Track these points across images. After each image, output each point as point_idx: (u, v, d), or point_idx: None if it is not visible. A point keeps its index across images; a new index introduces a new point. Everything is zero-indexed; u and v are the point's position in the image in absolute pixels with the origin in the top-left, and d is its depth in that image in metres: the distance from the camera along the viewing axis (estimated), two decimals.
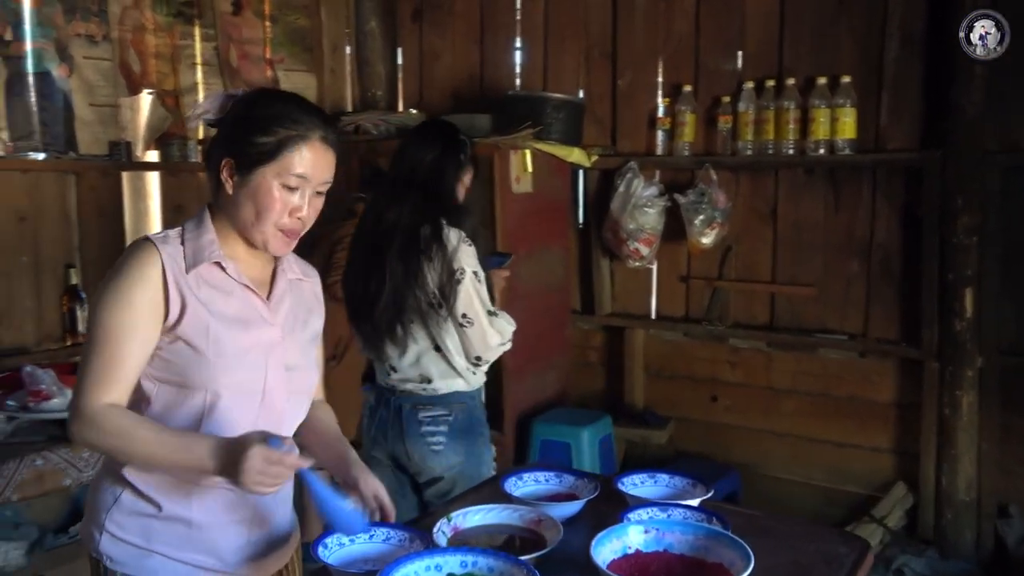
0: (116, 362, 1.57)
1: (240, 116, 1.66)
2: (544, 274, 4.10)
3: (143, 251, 1.61)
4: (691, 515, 1.79)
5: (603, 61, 4.27)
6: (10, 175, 3.55)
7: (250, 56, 4.42)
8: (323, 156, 1.64)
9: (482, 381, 2.63)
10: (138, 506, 1.65)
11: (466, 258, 2.42)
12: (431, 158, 2.49)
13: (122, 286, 1.59)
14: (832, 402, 3.82)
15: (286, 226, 1.64)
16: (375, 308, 2.42)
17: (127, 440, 1.55)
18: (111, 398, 1.57)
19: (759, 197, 3.93)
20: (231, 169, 1.63)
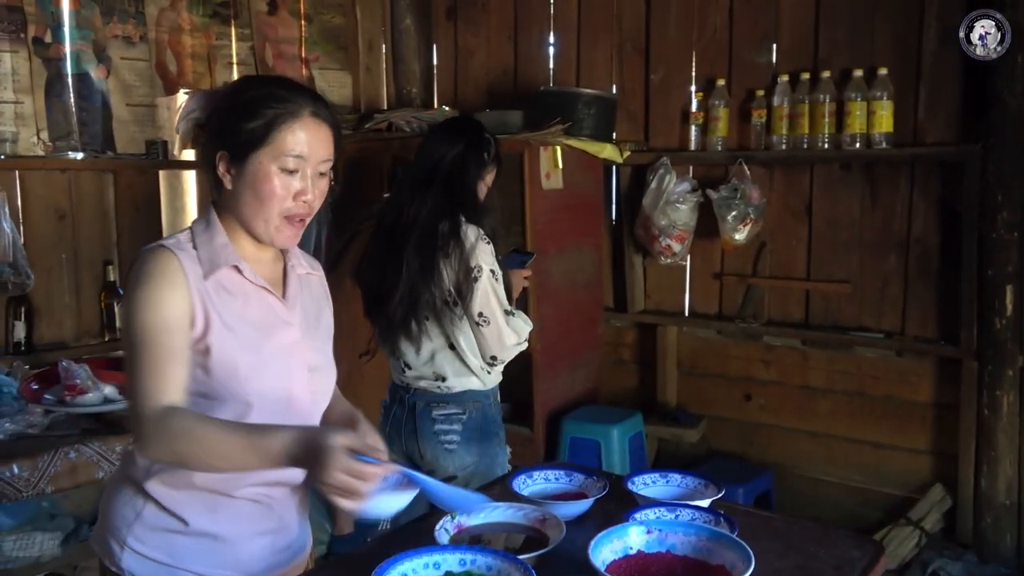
0: (163, 360, 1.51)
1: (226, 106, 1.63)
2: (575, 271, 4.07)
3: (162, 258, 1.57)
4: (698, 516, 1.76)
5: (636, 56, 4.23)
6: (50, 174, 3.64)
7: (285, 55, 4.47)
8: (317, 132, 1.59)
9: (497, 380, 2.61)
10: (163, 521, 1.61)
11: (484, 256, 2.41)
12: (453, 155, 2.49)
13: (152, 289, 1.53)
14: (868, 402, 3.74)
15: (292, 211, 1.59)
16: (390, 303, 2.43)
17: (196, 442, 1.47)
18: (168, 399, 1.50)
19: (794, 193, 3.86)
20: (227, 162, 1.60)
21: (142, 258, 1.58)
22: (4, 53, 3.48)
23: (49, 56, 3.61)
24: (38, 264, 3.59)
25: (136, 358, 1.52)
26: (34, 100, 3.56)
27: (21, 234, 3.53)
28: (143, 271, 1.56)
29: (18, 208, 3.55)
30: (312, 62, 4.59)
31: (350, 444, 1.42)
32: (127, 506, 1.63)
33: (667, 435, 4.08)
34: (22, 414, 3.07)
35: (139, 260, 1.58)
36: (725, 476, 3.72)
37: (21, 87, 3.53)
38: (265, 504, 1.67)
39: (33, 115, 3.56)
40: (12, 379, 3.26)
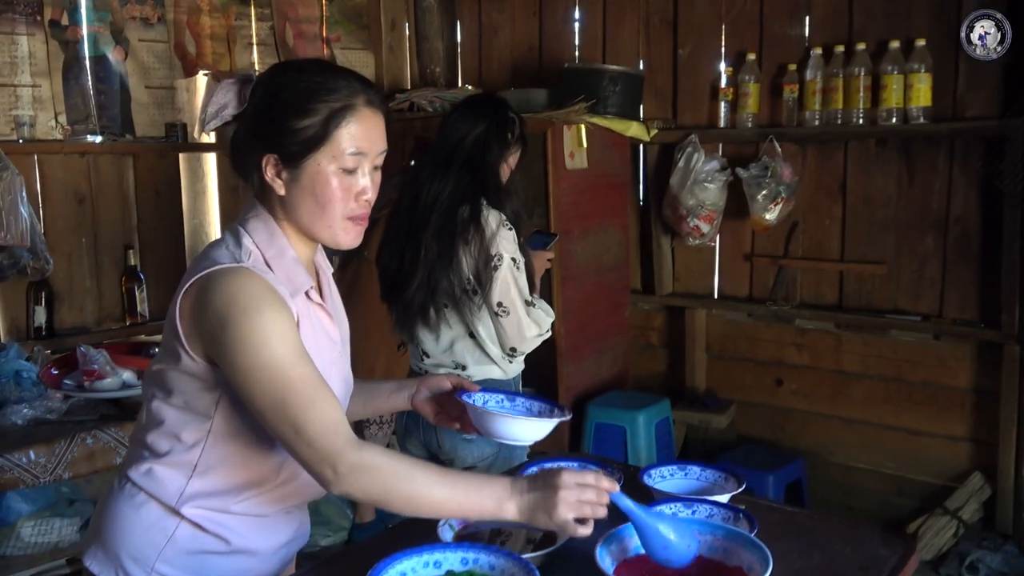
0: (321, 385, 1.38)
1: (268, 102, 1.45)
2: (601, 253, 3.98)
3: (253, 280, 1.39)
4: (717, 513, 1.67)
5: (664, 29, 4.10)
6: (69, 158, 3.62)
7: (306, 35, 4.40)
8: (374, 123, 1.45)
9: (519, 369, 2.53)
10: (200, 543, 1.50)
11: (505, 243, 2.32)
12: (476, 134, 2.39)
13: (263, 319, 1.36)
14: (904, 387, 3.62)
15: (354, 212, 1.46)
16: (407, 288, 2.35)
17: (408, 484, 1.36)
18: (347, 427, 1.38)
19: (827, 170, 3.72)
20: (277, 166, 1.44)
21: (229, 283, 1.39)
22: (20, 36, 3.45)
23: (66, 39, 3.57)
24: (58, 249, 3.57)
25: (285, 400, 1.35)
26: (51, 83, 3.54)
27: (40, 219, 3.52)
28: (239, 299, 1.37)
29: (37, 192, 3.54)
30: (333, 42, 4.52)
31: (573, 476, 1.39)
32: (153, 529, 1.50)
33: (695, 421, 3.98)
34: (41, 399, 3.06)
35: (224, 286, 1.39)
36: (755, 463, 3.64)
37: (38, 70, 3.50)
38: (291, 514, 1.62)
39: (51, 99, 3.54)
40: (32, 364, 3.25)
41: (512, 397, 1.79)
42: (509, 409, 1.75)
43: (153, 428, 1.52)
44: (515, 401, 1.78)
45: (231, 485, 1.51)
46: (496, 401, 1.76)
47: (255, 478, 1.52)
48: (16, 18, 3.43)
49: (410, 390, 1.74)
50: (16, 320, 3.53)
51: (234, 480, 1.51)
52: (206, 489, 1.50)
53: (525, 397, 1.80)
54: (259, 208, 1.50)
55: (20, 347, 3.30)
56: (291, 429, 1.36)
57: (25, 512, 3.01)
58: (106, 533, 1.54)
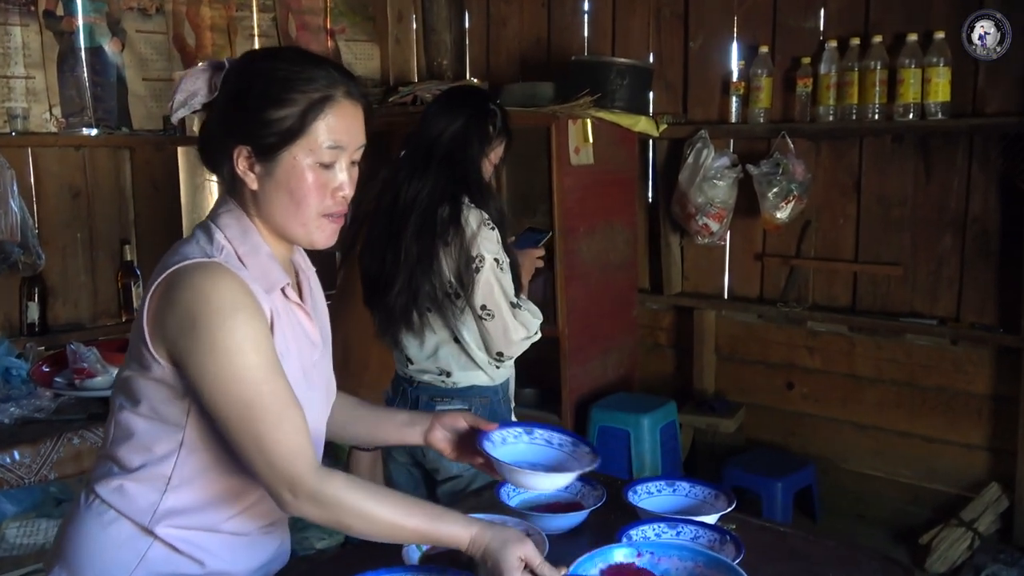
0: (288, 408, 1.31)
1: (241, 91, 1.36)
2: (607, 251, 3.87)
3: (225, 279, 1.31)
4: (702, 534, 1.57)
5: (675, 22, 3.98)
6: (64, 151, 3.56)
7: (309, 27, 4.32)
8: (354, 116, 1.38)
9: (507, 375, 2.43)
10: (175, 565, 1.42)
11: (487, 243, 2.21)
12: (454, 129, 2.29)
13: (235, 325, 1.28)
14: (919, 393, 3.49)
15: (330, 210, 1.38)
16: (389, 292, 2.26)
17: (365, 522, 1.34)
18: (311, 452, 1.33)
19: (841, 168, 3.60)
20: (249, 159, 1.36)
21: (200, 279, 1.30)
22: (14, 27, 3.39)
23: (61, 29, 3.51)
24: (52, 243, 3.52)
25: (251, 414, 1.29)
26: (46, 75, 3.47)
27: (35, 213, 3.46)
28: (210, 301, 1.29)
29: (31, 186, 3.48)
30: (338, 33, 4.43)
31: (526, 558, 1.35)
32: (124, 549, 1.41)
33: (703, 425, 3.88)
34: (30, 398, 3.00)
35: (194, 282, 1.30)
36: (764, 469, 3.53)
37: (32, 62, 3.44)
38: (271, 534, 1.54)
39: (45, 90, 3.47)
40: (23, 361, 3.19)
41: (530, 429, 1.71)
42: (528, 443, 1.69)
43: (122, 441, 1.43)
44: (533, 434, 1.71)
45: (207, 500, 1.43)
46: (514, 435, 1.69)
47: (232, 492, 1.43)
48: (9, 8, 3.37)
49: (423, 426, 1.66)
50: (9, 316, 3.47)
51: (210, 495, 1.43)
52: (180, 506, 1.42)
53: (544, 428, 1.72)
54: (231, 203, 1.42)
55: (11, 344, 3.24)
56: (254, 445, 1.30)
57: (10, 513, 2.97)
58: (71, 554, 1.45)
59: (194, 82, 1.40)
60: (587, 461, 1.63)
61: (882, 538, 3.47)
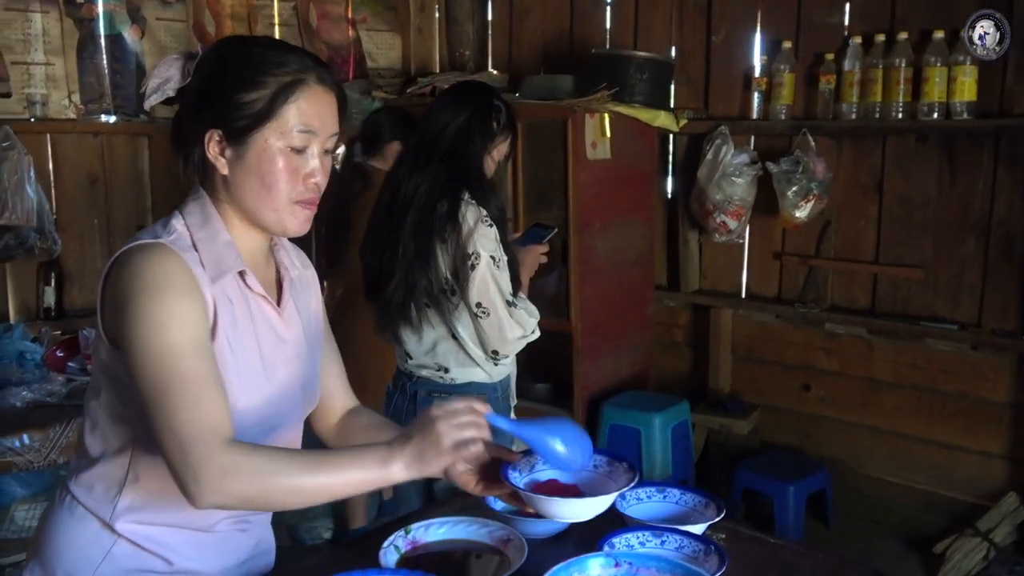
0: (205, 388, 1.26)
1: (213, 75, 1.35)
2: (624, 247, 3.83)
3: (164, 258, 1.29)
4: (686, 544, 1.54)
5: (697, 15, 3.92)
6: (82, 138, 3.59)
7: (330, 16, 4.31)
8: (326, 102, 1.37)
9: (506, 373, 2.39)
10: (140, 561, 1.40)
11: (483, 241, 2.18)
12: (457, 124, 2.26)
13: (165, 302, 1.26)
14: (938, 398, 3.41)
15: (302, 196, 1.36)
16: (387, 287, 2.24)
17: (287, 476, 1.25)
18: (224, 432, 1.25)
19: (863, 167, 3.52)
20: (220, 143, 1.34)
21: (140, 258, 1.28)
22: (34, 13, 3.42)
23: (81, 16, 3.53)
24: (69, 229, 3.55)
25: (169, 391, 1.24)
26: (65, 62, 3.50)
27: (52, 198, 3.50)
28: (144, 277, 1.27)
29: (49, 172, 3.51)
30: (359, 23, 4.42)
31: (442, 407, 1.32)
32: (91, 544, 1.40)
33: (716, 425, 3.83)
34: (42, 382, 3.03)
35: (135, 260, 1.28)
36: (776, 472, 3.48)
37: (52, 48, 3.46)
38: (246, 531, 1.51)
39: (64, 77, 3.50)
40: (38, 346, 3.23)
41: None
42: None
43: (88, 432, 1.42)
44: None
45: (167, 495, 1.39)
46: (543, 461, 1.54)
47: None
48: None
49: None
50: (26, 300, 3.51)
51: (170, 490, 1.38)
52: (139, 500, 1.40)
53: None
54: (200, 191, 1.40)
55: (26, 328, 3.28)
56: (166, 425, 1.24)
57: (19, 495, 3.00)
58: (44, 547, 1.45)
59: (168, 69, 1.40)
60: (625, 480, 1.50)
61: (896, 545, 3.41)
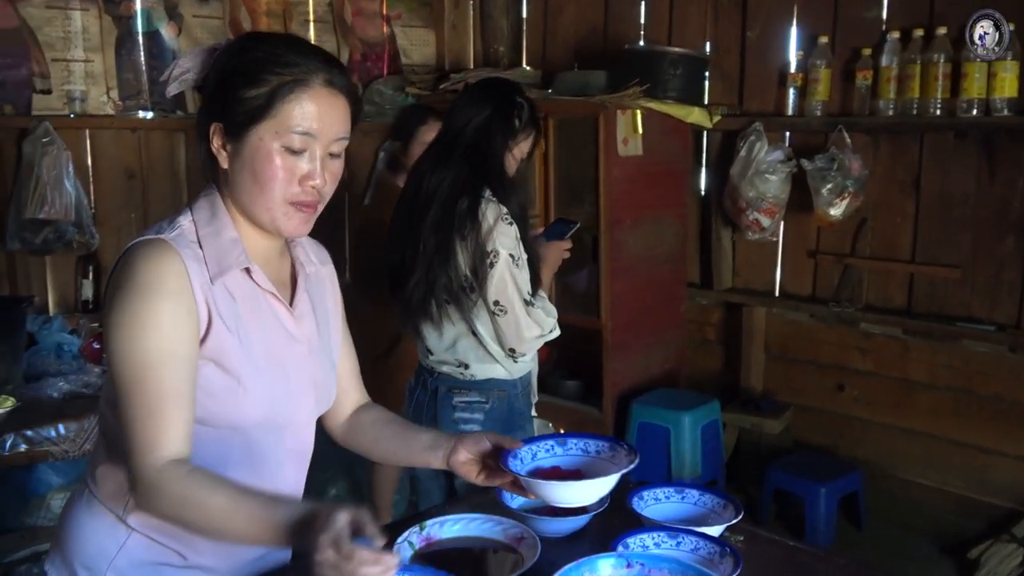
0: (164, 402, 1.26)
1: (222, 68, 1.36)
2: (655, 244, 3.81)
3: (159, 255, 1.30)
4: (702, 546, 1.52)
5: (733, 10, 3.88)
6: (120, 133, 3.64)
7: (365, 12, 4.33)
8: (331, 105, 1.34)
9: (526, 370, 2.39)
10: (154, 555, 1.41)
11: (502, 238, 2.18)
12: (479, 121, 2.25)
13: (147, 304, 1.27)
14: (975, 401, 3.35)
15: (298, 198, 1.34)
16: (408, 283, 2.25)
17: (199, 512, 1.25)
18: (169, 450, 1.26)
19: (900, 164, 3.46)
20: (222, 136, 1.35)
21: (135, 255, 1.31)
22: (74, 11, 3.47)
23: (120, 14, 3.58)
24: (107, 224, 3.61)
25: (129, 396, 1.27)
26: (104, 58, 3.56)
27: (91, 193, 3.56)
28: (135, 276, 1.28)
29: (88, 167, 3.57)
30: (394, 20, 4.43)
31: (355, 520, 1.13)
32: (107, 537, 1.42)
33: (747, 424, 3.79)
34: (79, 373, 3.09)
35: (131, 256, 1.31)
36: (808, 472, 3.44)
37: (91, 45, 3.52)
38: None
39: (103, 74, 3.56)
40: (76, 337, 3.29)
41: (563, 440, 1.59)
42: (562, 455, 1.57)
43: (102, 429, 1.46)
44: (567, 444, 1.59)
45: None
46: (546, 449, 1.57)
47: None
48: None
49: (446, 449, 1.54)
50: (64, 293, 3.58)
51: None
52: None
53: (577, 437, 1.59)
54: (212, 187, 1.42)
55: (64, 320, 3.35)
56: (127, 427, 1.28)
57: (55, 484, 3.06)
58: (64, 539, 1.48)
59: (189, 60, 1.42)
60: (625, 462, 1.51)
61: (929, 550, 3.35)
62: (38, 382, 2.99)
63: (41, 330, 3.26)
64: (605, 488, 1.47)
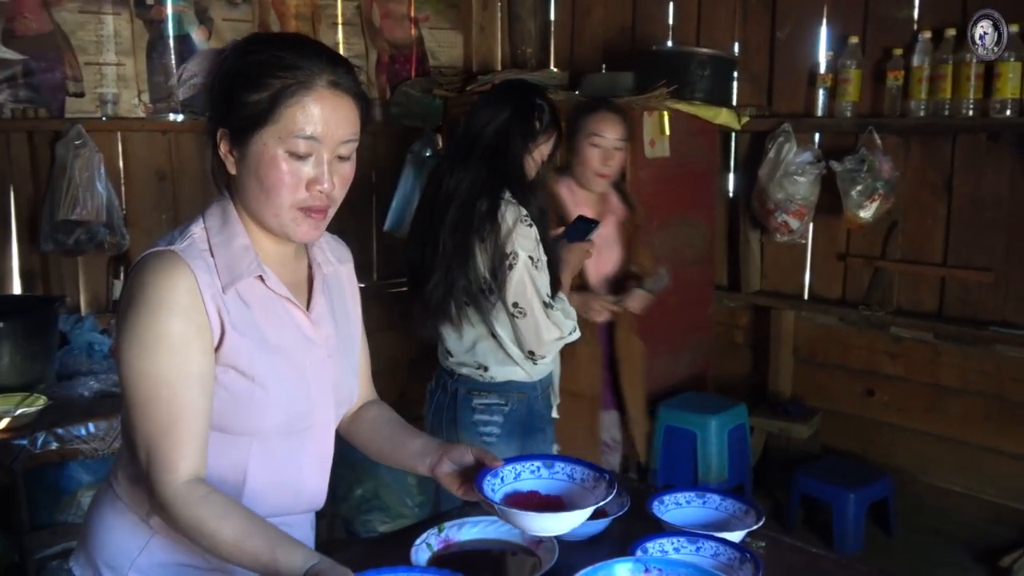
0: (177, 419, 1.28)
1: (225, 72, 1.34)
2: (682, 246, 3.78)
3: (172, 270, 1.29)
4: (722, 552, 1.51)
5: (762, 10, 3.85)
6: (151, 135, 3.68)
7: (393, 14, 4.35)
8: (336, 107, 1.31)
9: (546, 371, 2.38)
10: (175, 556, 1.42)
11: (522, 240, 2.17)
12: (498, 123, 2.25)
13: (159, 320, 1.27)
14: (1008, 407, 3.29)
15: (306, 203, 1.32)
16: (427, 284, 2.25)
17: (208, 541, 1.27)
18: (184, 468, 1.29)
19: (932, 166, 3.41)
20: (228, 141, 1.33)
21: (146, 268, 1.31)
22: (107, 16, 3.52)
23: (151, 18, 3.62)
24: (138, 225, 3.65)
25: (144, 413, 1.29)
26: (135, 62, 3.59)
27: (122, 195, 3.60)
28: (146, 291, 1.28)
29: (119, 169, 3.61)
30: (422, 22, 4.44)
31: None
32: (129, 536, 1.43)
33: (775, 429, 3.76)
34: (109, 372, 3.13)
35: (142, 270, 1.31)
36: (837, 478, 3.40)
37: (123, 49, 3.56)
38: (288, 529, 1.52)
39: (134, 77, 3.59)
40: (106, 337, 3.33)
41: (551, 463, 1.54)
42: (547, 477, 1.52)
43: (124, 432, 1.46)
44: (554, 467, 1.53)
45: None
46: (531, 471, 1.52)
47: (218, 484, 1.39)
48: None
49: (432, 458, 1.53)
50: (96, 293, 3.63)
51: None
52: None
53: (565, 461, 1.53)
54: (224, 192, 1.41)
55: (96, 319, 3.40)
56: (142, 442, 1.30)
57: (86, 482, 3.09)
58: (89, 536, 1.50)
59: (199, 64, 1.45)
60: (603, 494, 1.44)
61: (960, 557, 3.30)
62: (70, 381, 3.04)
63: (73, 330, 3.31)
64: (575, 521, 1.40)
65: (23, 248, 3.45)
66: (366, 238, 4.30)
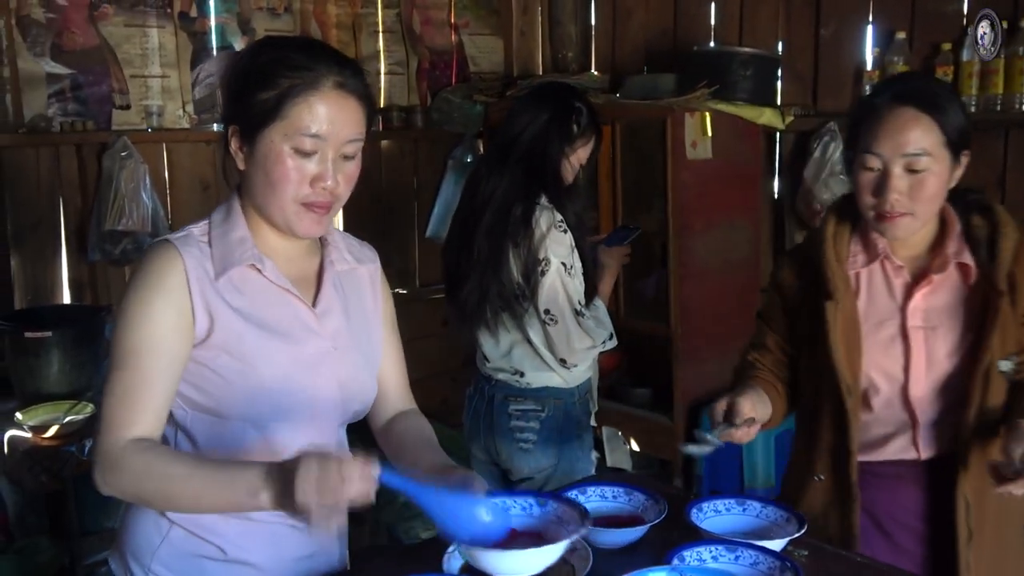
0: (139, 386, 1.34)
1: (237, 72, 1.41)
2: (727, 250, 3.72)
3: (161, 256, 1.38)
4: (762, 561, 1.47)
5: (805, 7, 3.78)
6: (195, 146, 3.74)
7: (433, 21, 4.36)
8: (341, 107, 1.36)
9: (585, 377, 2.35)
10: (194, 546, 1.45)
11: (555, 247, 2.15)
12: (536, 126, 2.23)
13: (141, 298, 1.36)
14: None
15: (309, 199, 1.37)
16: (462, 289, 2.23)
17: (160, 481, 1.31)
18: (137, 431, 1.33)
19: (983, 162, 3.30)
20: (238, 138, 1.39)
21: (143, 257, 1.42)
22: (151, 28, 3.58)
23: (195, 30, 3.67)
24: None
25: (112, 380, 1.36)
26: (180, 74, 3.65)
27: (167, 204, 3.66)
28: (138, 276, 1.38)
29: (164, 179, 3.67)
30: (462, 28, 4.45)
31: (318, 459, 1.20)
32: (151, 529, 1.46)
33: None
34: None
35: (141, 259, 1.42)
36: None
37: (167, 61, 3.62)
38: (301, 528, 1.49)
39: (179, 88, 3.65)
40: None
41: (544, 501, 1.50)
42: (538, 516, 1.48)
43: None
44: (547, 507, 1.50)
45: None
46: (522, 507, 1.50)
47: None
48: (148, 11, 3.56)
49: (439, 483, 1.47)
50: None
51: None
52: None
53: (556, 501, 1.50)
54: (234, 195, 1.48)
55: None
56: (105, 405, 1.37)
57: None
58: (121, 532, 1.54)
59: (215, 65, 1.51)
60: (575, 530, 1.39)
61: None
62: None
63: None
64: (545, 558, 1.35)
65: (72, 258, 3.52)
66: (407, 244, 4.31)
